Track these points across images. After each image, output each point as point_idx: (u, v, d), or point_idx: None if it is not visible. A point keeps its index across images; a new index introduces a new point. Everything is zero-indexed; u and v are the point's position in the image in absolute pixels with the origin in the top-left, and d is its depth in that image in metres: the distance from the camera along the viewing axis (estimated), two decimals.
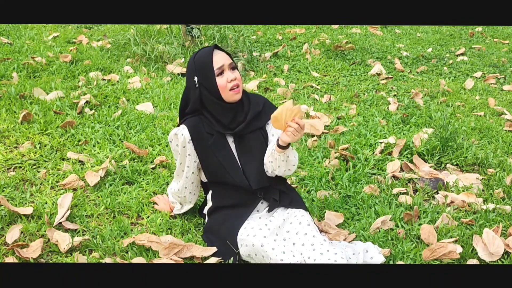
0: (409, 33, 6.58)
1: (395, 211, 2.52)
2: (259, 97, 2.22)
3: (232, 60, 2.09)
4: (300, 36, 6.04)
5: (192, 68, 2.08)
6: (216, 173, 2.17)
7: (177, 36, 5.00)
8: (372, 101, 4.08)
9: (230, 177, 2.14)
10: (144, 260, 2.10)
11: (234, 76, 2.05)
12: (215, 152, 2.13)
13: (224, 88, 2.04)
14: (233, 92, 2.06)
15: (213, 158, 2.14)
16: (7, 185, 2.62)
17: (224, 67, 2.04)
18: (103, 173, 2.72)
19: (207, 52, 2.06)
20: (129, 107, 3.58)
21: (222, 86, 2.04)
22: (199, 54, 2.09)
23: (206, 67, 2.04)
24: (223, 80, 2.04)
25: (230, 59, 2.08)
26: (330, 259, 1.90)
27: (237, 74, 2.07)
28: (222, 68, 2.04)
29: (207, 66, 2.04)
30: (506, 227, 2.41)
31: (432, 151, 3.11)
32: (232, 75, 2.05)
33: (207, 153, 2.14)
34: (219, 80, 2.04)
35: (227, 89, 2.04)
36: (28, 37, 5.27)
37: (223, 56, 2.07)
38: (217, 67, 2.03)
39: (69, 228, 2.32)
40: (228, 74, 2.05)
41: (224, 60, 2.05)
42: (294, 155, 2.07)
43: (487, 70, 5.14)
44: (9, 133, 3.12)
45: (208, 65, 2.04)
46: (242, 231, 2.06)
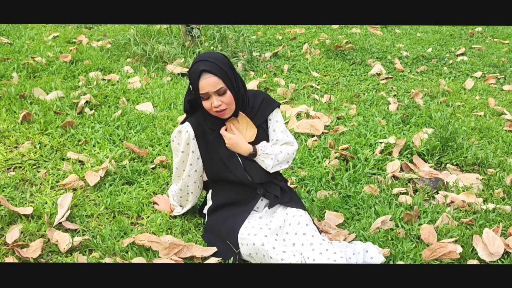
0: (409, 33, 6.59)
1: (395, 211, 2.52)
2: (259, 94, 2.22)
3: (224, 80, 2.00)
4: (300, 36, 6.04)
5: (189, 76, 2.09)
6: (217, 170, 2.18)
7: (177, 36, 5.00)
8: (372, 101, 4.08)
9: (230, 173, 2.15)
10: (144, 260, 2.10)
11: (218, 103, 2.01)
12: (216, 147, 2.13)
13: (209, 110, 2.06)
14: (218, 114, 2.07)
15: (214, 154, 2.15)
16: (7, 185, 2.62)
17: (209, 93, 2.01)
18: (103, 173, 2.72)
19: (195, 73, 2.00)
20: (129, 107, 3.58)
21: (207, 108, 2.06)
22: (192, 69, 2.04)
23: (194, 86, 2.04)
24: (208, 104, 2.04)
25: (218, 84, 1.99)
26: (329, 258, 1.91)
27: (225, 99, 2.02)
28: (207, 94, 2.02)
29: (194, 87, 2.04)
30: (506, 227, 2.41)
31: (432, 151, 3.11)
32: (216, 102, 2.01)
33: (208, 149, 2.15)
34: (205, 103, 2.04)
35: (212, 111, 2.06)
36: (28, 37, 5.27)
37: (210, 82, 1.99)
38: (202, 92, 2.01)
39: (69, 228, 2.32)
40: (213, 100, 2.02)
41: (210, 88, 2.00)
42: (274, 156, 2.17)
43: (487, 70, 5.14)
44: (9, 133, 3.12)
45: (195, 85, 2.03)
46: (243, 230, 2.07)
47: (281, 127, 2.21)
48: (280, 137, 2.20)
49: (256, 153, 2.15)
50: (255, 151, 2.15)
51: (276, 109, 2.21)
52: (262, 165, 2.17)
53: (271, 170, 2.17)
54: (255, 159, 2.16)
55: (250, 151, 2.14)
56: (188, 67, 4.51)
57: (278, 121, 2.21)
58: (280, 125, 2.21)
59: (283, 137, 2.21)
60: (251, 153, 2.14)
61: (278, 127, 2.20)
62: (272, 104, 2.20)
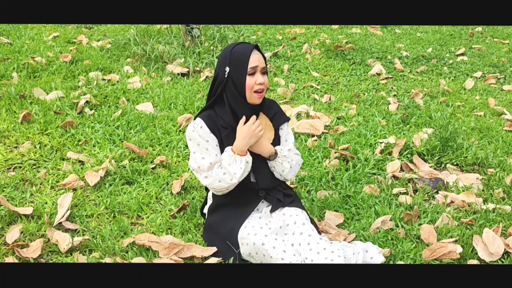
0: (409, 33, 6.59)
1: (395, 211, 2.52)
2: (274, 103, 2.26)
3: (266, 64, 2.11)
4: (300, 36, 6.05)
5: (227, 58, 2.09)
6: None
7: (177, 36, 5.00)
8: (372, 101, 4.08)
9: None
10: (144, 260, 2.10)
11: (263, 80, 2.08)
12: (227, 145, 2.13)
13: (250, 88, 2.07)
14: (256, 95, 2.08)
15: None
16: (7, 185, 2.62)
17: (257, 69, 2.07)
18: (103, 173, 2.72)
19: (247, 48, 2.08)
20: (129, 107, 3.58)
21: (249, 85, 2.06)
22: (238, 47, 2.10)
23: (241, 61, 2.06)
24: (252, 80, 2.06)
25: (264, 63, 2.10)
26: (327, 258, 1.91)
27: (266, 80, 2.10)
28: (255, 68, 2.06)
29: (243, 61, 2.06)
30: (506, 227, 2.41)
31: (432, 151, 3.11)
32: (261, 79, 2.07)
33: (220, 146, 2.15)
34: (249, 79, 2.06)
35: (253, 90, 2.07)
36: (28, 37, 5.27)
37: (260, 58, 2.09)
38: (251, 66, 2.06)
39: (69, 228, 2.32)
40: (258, 77, 2.07)
41: (259, 62, 2.07)
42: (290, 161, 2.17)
43: (487, 70, 5.14)
44: (9, 133, 3.12)
45: (244, 60, 2.06)
46: (243, 230, 2.07)
47: (293, 138, 2.28)
48: (291, 147, 2.24)
49: (277, 154, 2.15)
50: (277, 152, 2.15)
51: (287, 122, 2.27)
52: (279, 168, 2.17)
53: (287, 174, 2.18)
54: (274, 160, 2.16)
55: (272, 151, 2.15)
56: (188, 67, 4.51)
57: (290, 133, 2.27)
58: (291, 136, 2.27)
59: (293, 148, 2.25)
60: (272, 153, 2.15)
61: (290, 138, 2.26)
62: (284, 116, 2.25)
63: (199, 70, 4.55)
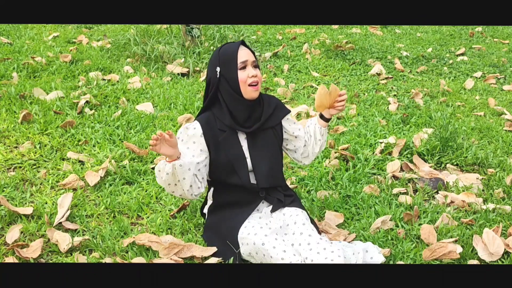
0: (409, 33, 6.59)
1: (395, 211, 2.52)
2: (272, 97, 2.27)
3: (256, 58, 2.13)
4: (300, 36, 6.05)
5: (216, 59, 2.11)
6: (222, 171, 2.16)
7: (177, 36, 5.00)
8: (372, 101, 4.08)
9: (235, 175, 2.14)
10: (144, 260, 2.10)
11: (255, 73, 2.10)
12: (225, 149, 2.12)
13: (244, 83, 2.08)
14: (251, 88, 2.09)
15: (223, 156, 2.13)
16: (7, 185, 2.62)
17: (247, 63, 2.09)
18: (103, 173, 2.72)
19: (233, 45, 2.11)
20: (129, 107, 3.58)
21: (242, 80, 2.08)
22: (225, 46, 2.14)
23: (230, 59, 2.08)
24: (244, 74, 2.08)
25: (254, 57, 2.13)
26: (327, 258, 1.91)
27: (258, 72, 2.11)
28: (245, 63, 2.08)
29: (231, 58, 2.08)
30: (506, 227, 2.41)
31: (432, 151, 3.11)
32: (253, 72, 2.09)
33: (217, 150, 2.14)
34: (241, 74, 2.07)
35: (247, 84, 2.08)
36: (28, 37, 5.27)
37: (248, 52, 2.11)
38: (240, 61, 2.07)
39: (69, 228, 2.32)
40: (250, 70, 2.09)
41: (248, 56, 2.10)
42: None
43: (487, 70, 5.14)
44: (9, 133, 3.12)
45: (232, 57, 2.07)
46: (243, 230, 2.07)
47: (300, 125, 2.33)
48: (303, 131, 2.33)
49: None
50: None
51: (288, 114, 2.29)
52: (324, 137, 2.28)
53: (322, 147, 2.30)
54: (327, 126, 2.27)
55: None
56: (188, 67, 4.51)
57: (295, 123, 2.31)
58: (297, 125, 2.32)
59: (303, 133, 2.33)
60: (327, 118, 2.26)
61: (297, 125, 2.31)
62: (285, 109, 2.27)
63: (199, 70, 4.55)
